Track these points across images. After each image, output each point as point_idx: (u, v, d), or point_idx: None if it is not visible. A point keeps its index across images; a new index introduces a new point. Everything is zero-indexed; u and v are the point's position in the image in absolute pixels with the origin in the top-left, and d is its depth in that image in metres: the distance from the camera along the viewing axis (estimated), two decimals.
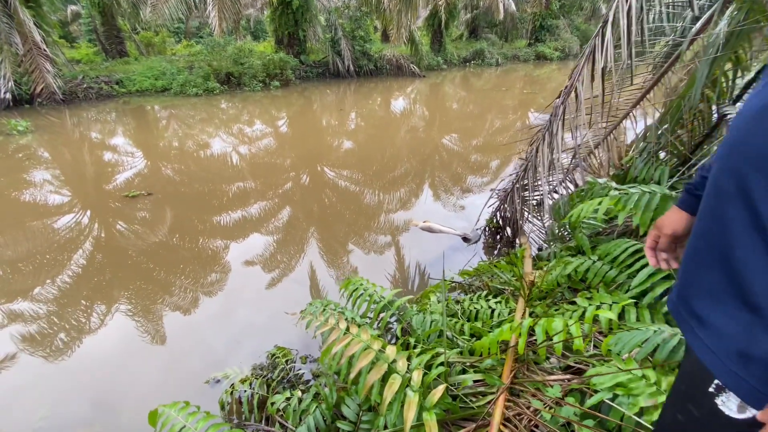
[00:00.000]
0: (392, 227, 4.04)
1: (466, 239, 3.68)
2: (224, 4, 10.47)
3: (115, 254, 3.56)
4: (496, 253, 3.54)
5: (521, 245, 3.14)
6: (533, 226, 3.33)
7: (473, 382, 1.42)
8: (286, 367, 2.15)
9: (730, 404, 0.59)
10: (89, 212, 4.37)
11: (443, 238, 3.72)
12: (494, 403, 1.30)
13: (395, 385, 1.20)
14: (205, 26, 21.33)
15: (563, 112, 2.51)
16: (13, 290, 3.07)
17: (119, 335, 2.63)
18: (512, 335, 1.40)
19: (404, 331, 1.92)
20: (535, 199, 3.28)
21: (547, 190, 2.79)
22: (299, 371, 2.17)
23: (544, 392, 1.31)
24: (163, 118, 9.03)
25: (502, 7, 17.30)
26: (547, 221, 3.19)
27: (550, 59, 19.95)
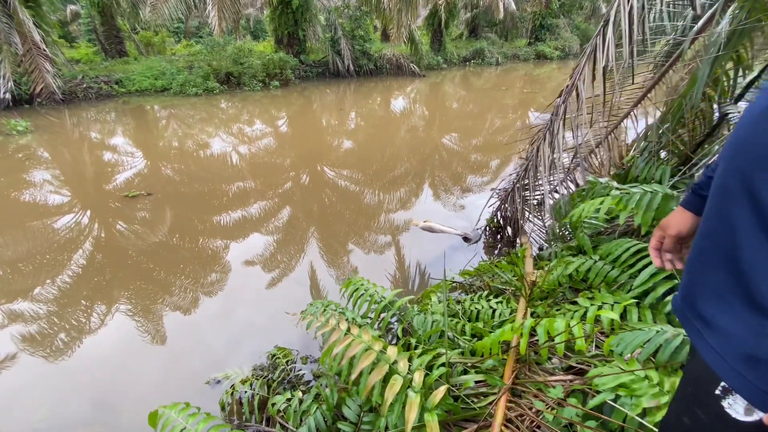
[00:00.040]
0: (392, 227, 4.03)
1: (466, 239, 3.67)
2: (224, 3, 10.46)
3: (115, 254, 3.55)
4: (496, 252, 3.54)
5: (522, 245, 3.14)
6: (534, 225, 3.32)
7: (475, 382, 1.42)
8: (286, 367, 2.14)
9: (737, 407, 0.58)
10: (89, 212, 4.36)
11: (443, 237, 3.72)
12: (496, 403, 1.29)
13: (396, 386, 1.19)
14: (204, 26, 21.32)
15: (564, 111, 2.51)
16: (13, 290, 3.07)
17: (119, 335, 2.62)
18: (514, 336, 1.40)
19: (405, 331, 1.92)
20: (535, 198, 3.28)
21: (547, 189, 2.79)
22: (300, 372, 2.17)
23: (546, 393, 1.30)
24: (162, 117, 9.02)
25: (502, 6, 17.32)
26: (547, 221, 3.18)
27: (550, 58, 19.96)
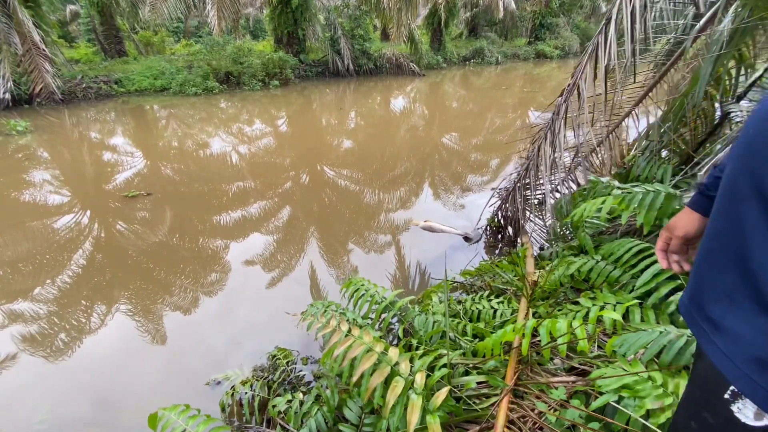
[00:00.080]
0: (392, 226, 4.02)
1: (467, 238, 3.66)
2: (223, 3, 10.45)
3: (115, 254, 3.54)
4: (497, 252, 3.53)
5: (523, 245, 3.13)
6: (535, 225, 3.31)
7: (476, 383, 1.41)
8: (287, 368, 2.13)
9: (746, 411, 0.57)
10: (89, 212, 4.35)
11: (444, 237, 3.71)
12: (498, 405, 1.28)
13: (398, 388, 1.18)
14: (204, 25, 21.32)
15: (565, 110, 2.50)
16: (13, 290, 3.06)
17: (119, 335, 2.61)
18: (515, 336, 1.39)
19: (406, 332, 1.91)
20: (536, 198, 3.27)
21: (549, 188, 2.78)
22: (300, 373, 2.16)
23: (548, 394, 1.29)
24: (162, 117, 9.01)
25: (501, 5, 17.29)
26: (549, 220, 3.17)
27: (550, 57, 19.94)
